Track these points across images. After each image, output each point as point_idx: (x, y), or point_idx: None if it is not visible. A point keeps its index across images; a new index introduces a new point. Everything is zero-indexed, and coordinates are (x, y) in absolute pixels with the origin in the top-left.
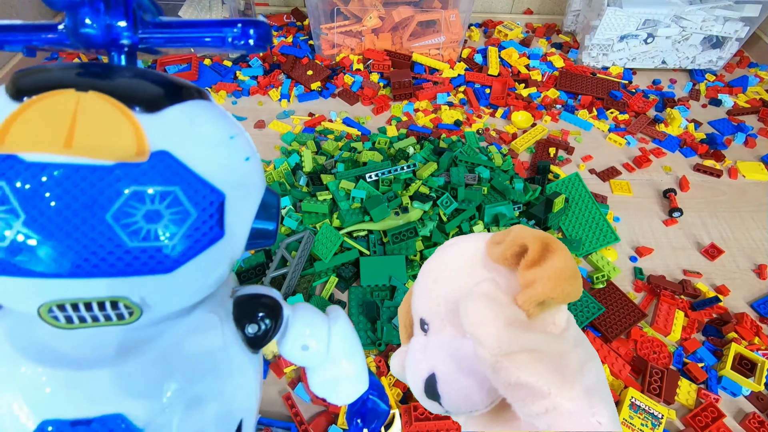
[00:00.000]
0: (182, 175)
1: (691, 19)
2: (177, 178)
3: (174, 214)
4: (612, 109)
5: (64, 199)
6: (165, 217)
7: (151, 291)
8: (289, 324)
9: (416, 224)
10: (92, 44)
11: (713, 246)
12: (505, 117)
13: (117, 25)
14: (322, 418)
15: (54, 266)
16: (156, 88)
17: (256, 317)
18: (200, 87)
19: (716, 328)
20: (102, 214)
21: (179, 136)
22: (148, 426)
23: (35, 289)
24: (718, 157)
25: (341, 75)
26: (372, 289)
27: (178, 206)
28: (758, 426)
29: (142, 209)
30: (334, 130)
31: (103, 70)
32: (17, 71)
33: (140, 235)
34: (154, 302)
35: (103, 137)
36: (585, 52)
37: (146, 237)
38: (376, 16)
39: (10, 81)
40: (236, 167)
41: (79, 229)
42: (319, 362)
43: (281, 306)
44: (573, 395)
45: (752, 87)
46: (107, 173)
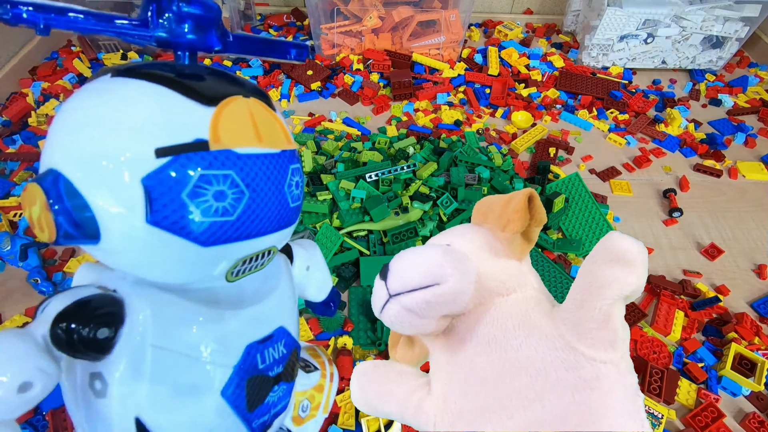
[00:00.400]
0: (298, 156)
1: (691, 19)
2: (298, 158)
3: (302, 183)
4: (612, 109)
5: (267, 178)
6: (300, 185)
7: (284, 237)
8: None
9: (416, 224)
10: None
11: (713, 246)
12: (505, 117)
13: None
14: None
15: (256, 230)
16: (262, 93)
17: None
18: None
19: (716, 328)
20: (282, 186)
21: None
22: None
23: (238, 249)
24: (718, 157)
25: (341, 75)
26: (372, 289)
27: (302, 177)
28: (758, 426)
29: (294, 180)
30: (334, 130)
31: (234, 78)
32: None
33: (294, 198)
34: (280, 245)
35: (273, 132)
36: (585, 52)
37: (295, 199)
38: (376, 16)
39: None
40: None
41: (276, 198)
42: (313, 276)
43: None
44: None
45: (752, 87)
46: (281, 158)
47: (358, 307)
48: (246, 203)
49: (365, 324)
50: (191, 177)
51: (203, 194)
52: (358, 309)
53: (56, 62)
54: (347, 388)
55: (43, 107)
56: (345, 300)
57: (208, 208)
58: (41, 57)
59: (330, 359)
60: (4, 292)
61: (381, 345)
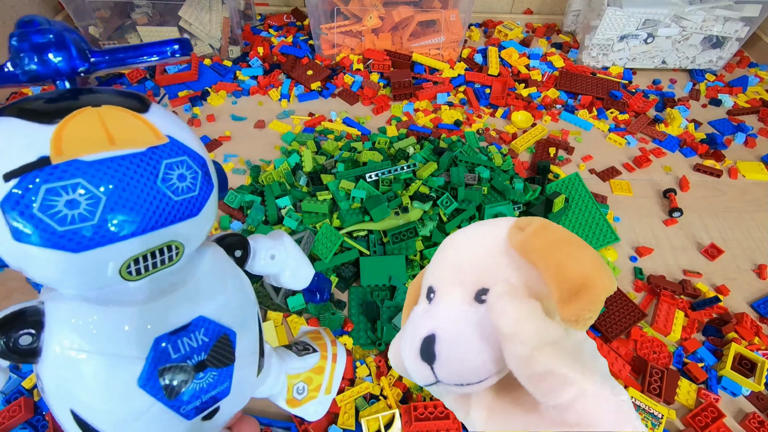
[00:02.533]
0: (185, 149)
1: (691, 19)
2: (183, 151)
3: (191, 174)
4: (612, 109)
5: (127, 179)
6: (187, 177)
7: (188, 231)
8: (255, 246)
9: (416, 224)
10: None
11: (713, 246)
12: (505, 117)
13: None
14: (322, 418)
15: (132, 228)
16: (131, 97)
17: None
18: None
19: (716, 328)
20: (153, 182)
21: (169, 125)
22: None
23: (119, 250)
24: (718, 157)
25: (341, 75)
26: (372, 289)
27: (190, 169)
28: (758, 426)
29: (174, 174)
30: (334, 130)
31: (90, 91)
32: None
33: (179, 192)
34: (189, 240)
35: (131, 133)
36: (585, 52)
37: (182, 192)
38: (376, 16)
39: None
40: (198, 141)
41: (143, 196)
42: (283, 263)
43: (244, 237)
44: (595, 380)
45: (752, 87)
46: (147, 155)
47: (358, 307)
48: (105, 205)
49: (365, 324)
50: (38, 193)
51: (53, 206)
52: (358, 309)
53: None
54: (347, 388)
55: None
56: (345, 300)
57: (63, 218)
58: None
59: (333, 340)
60: (4, 292)
61: (381, 345)
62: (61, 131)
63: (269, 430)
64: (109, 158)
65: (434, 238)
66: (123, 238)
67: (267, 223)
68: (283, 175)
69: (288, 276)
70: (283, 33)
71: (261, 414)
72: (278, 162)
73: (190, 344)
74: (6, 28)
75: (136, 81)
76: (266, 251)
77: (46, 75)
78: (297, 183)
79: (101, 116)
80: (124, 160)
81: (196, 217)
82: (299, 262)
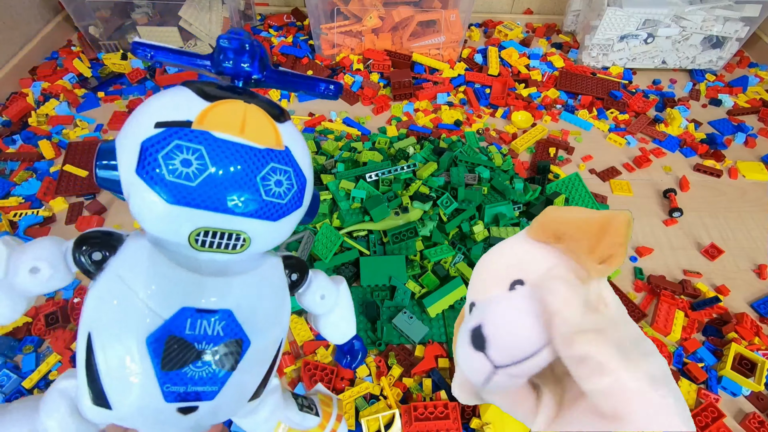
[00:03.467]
0: (293, 163)
1: (691, 19)
2: (291, 164)
3: (287, 184)
4: (612, 109)
5: (239, 164)
6: (284, 184)
7: (260, 231)
8: (313, 278)
9: (416, 224)
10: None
11: (713, 246)
12: (505, 117)
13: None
14: None
15: (217, 204)
16: (277, 108)
17: (296, 269)
18: None
19: (716, 328)
20: (254, 175)
21: (292, 141)
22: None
23: (198, 216)
24: (718, 157)
25: (341, 75)
26: (372, 289)
27: (289, 180)
28: (758, 426)
29: (274, 177)
30: (334, 130)
31: (251, 93)
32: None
33: (271, 193)
34: (258, 240)
35: (260, 132)
36: (585, 52)
37: (273, 195)
38: (376, 16)
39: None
40: (310, 165)
41: (239, 181)
42: (329, 308)
43: (307, 266)
44: (637, 376)
45: (752, 87)
46: (261, 152)
47: (358, 307)
48: (208, 175)
49: (365, 324)
50: (169, 143)
51: (173, 158)
52: (358, 309)
53: (56, 62)
54: (347, 388)
55: (43, 107)
56: None
57: (173, 170)
58: (41, 57)
59: (340, 416)
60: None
61: (381, 345)
62: (211, 108)
63: None
64: (232, 142)
65: (434, 238)
66: (205, 207)
67: None
68: None
69: (329, 324)
70: (283, 33)
71: None
72: None
73: (205, 329)
74: (5, 27)
75: (136, 81)
76: (321, 288)
77: (231, 73)
78: None
79: (246, 110)
80: (243, 147)
81: (273, 223)
82: (346, 315)
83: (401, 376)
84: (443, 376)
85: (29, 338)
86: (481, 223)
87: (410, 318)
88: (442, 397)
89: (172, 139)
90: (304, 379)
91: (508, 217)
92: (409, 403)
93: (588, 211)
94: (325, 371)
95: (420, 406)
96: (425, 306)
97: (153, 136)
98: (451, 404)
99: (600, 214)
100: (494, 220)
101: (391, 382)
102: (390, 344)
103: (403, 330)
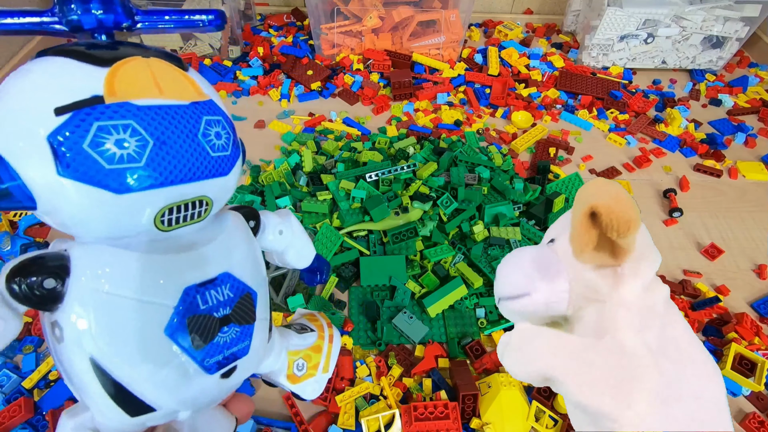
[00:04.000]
0: (220, 110)
1: (691, 19)
2: (219, 112)
3: (225, 134)
4: (612, 109)
5: (175, 127)
6: (222, 136)
7: (217, 189)
8: (265, 220)
9: (416, 224)
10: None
11: (713, 246)
12: (505, 117)
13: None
14: (322, 418)
15: (173, 176)
16: (173, 57)
17: (250, 216)
18: None
19: (716, 328)
20: (195, 134)
21: (205, 86)
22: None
23: (159, 196)
24: (718, 157)
25: (341, 75)
26: (372, 289)
27: (224, 129)
28: (758, 426)
29: (212, 130)
30: (334, 130)
31: (136, 45)
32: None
33: (215, 148)
34: (217, 198)
35: (177, 86)
36: (585, 52)
37: (217, 149)
38: (376, 16)
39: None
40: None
41: (185, 146)
42: (289, 241)
43: (257, 210)
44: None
45: (752, 87)
46: (190, 108)
47: (358, 307)
48: (152, 150)
49: (365, 324)
50: (89, 129)
51: (102, 143)
52: (358, 309)
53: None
54: (347, 388)
55: None
56: (345, 300)
57: (111, 156)
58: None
59: (329, 323)
60: None
61: (381, 345)
62: (114, 74)
63: (269, 430)
64: (157, 106)
65: (434, 238)
66: (163, 184)
67: None
68: (283, 175)
69: (293, 254)
70: (283, 33)
71: (261, 414)
72: (278, 162)
73: (216, 297)
74: None
75: None
76: (275, 226)
77: (88, 25)
78: (297, 183)
79: (150, 66)
80: (170, 109)
81: (226, 177)
82: (303, 240)
83: (401, 376)
84: (443, 376)
85: (29, 338)
86: (481, 223)
87: (410, 318)
88: (442, 397)
89: (89, 122)
90: None
91: (508, 217)
92: (409, 403)
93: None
94: None
95: (420, 406)
96: (425, 306)
97: (60, 126)
98: (451, 404)
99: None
100: (494, 220)
101: (391, 382)
102: (390, 344)
103: (403, 330)
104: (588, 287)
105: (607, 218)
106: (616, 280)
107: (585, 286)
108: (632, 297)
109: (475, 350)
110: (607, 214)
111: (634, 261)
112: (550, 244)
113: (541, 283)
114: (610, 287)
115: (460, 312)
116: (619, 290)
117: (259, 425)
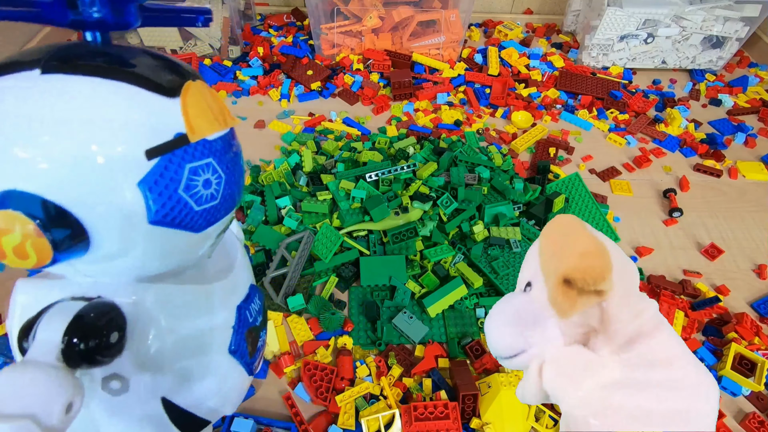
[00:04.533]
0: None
1: (691, 19)
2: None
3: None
4: (612, 109)
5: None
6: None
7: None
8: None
9: (416, 224)
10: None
11: (713, 246)
12: (505, 117)
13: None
14: (322, 418)
15: (234, 204)
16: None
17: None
18: None
19: (716, 328)
20: (239, 155)
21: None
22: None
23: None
24: (718, 157)
25: (341, 75)
26: (372, 289)
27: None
28: (758, 426)
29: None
30: (334, 130)
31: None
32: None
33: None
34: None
35: (225, 112)
36: (585, 52)
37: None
38: (376, 16)
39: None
40: None
41: (239, 170)
42: None
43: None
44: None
45: (752, 87)
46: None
47: (358, 307)
48: (224, 185)
49: (365, 324)
50: (182, 172)
51: (195, 186)
52: (358, 309)
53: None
54: (347, 387)
55: None
56: (345, 300)
57: (200, 198)
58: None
59: None
60: (4, 292)
61: (381, 345)
62: (186, 107)
63: (269, 430)
64: (221, 138)
65: (434, 238)
66: (226, 213)
67: (267, 223)
68: (283, 175)
69: None
70: (283, 33)
71: (261, 414)
72: (278, 162)
73: (254, 309)
74: (5, 27)
75: None
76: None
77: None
78: (297, 183)
79: (202, 92)
80: (226, 138)
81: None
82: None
83: (401, 376)
84: (443, 376)
85: None
86: (481, 223)
87: (410, 318)
88: (442, 397)
89: (182, 165)
90: (303, 379)
91: (508, 217)
92: (409, 403)
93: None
94: (325, 371)
95: (420, 406)
96: (425, 306)
97: (152, 171)
98: (451, 404)
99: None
100: (494, 220)
101: (391, 382)
102: (390, 344)
103: (403, 330)
104: (581, 324)
105: (581, 281)
106: (603, 315)
107: (577, 324)
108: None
109: (475, 350)
110: (581, 278)
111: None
112: (528, 289)
113: (532, 338)
114: (599, 321)
115: (460, 312)
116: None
117: (259, 425)
